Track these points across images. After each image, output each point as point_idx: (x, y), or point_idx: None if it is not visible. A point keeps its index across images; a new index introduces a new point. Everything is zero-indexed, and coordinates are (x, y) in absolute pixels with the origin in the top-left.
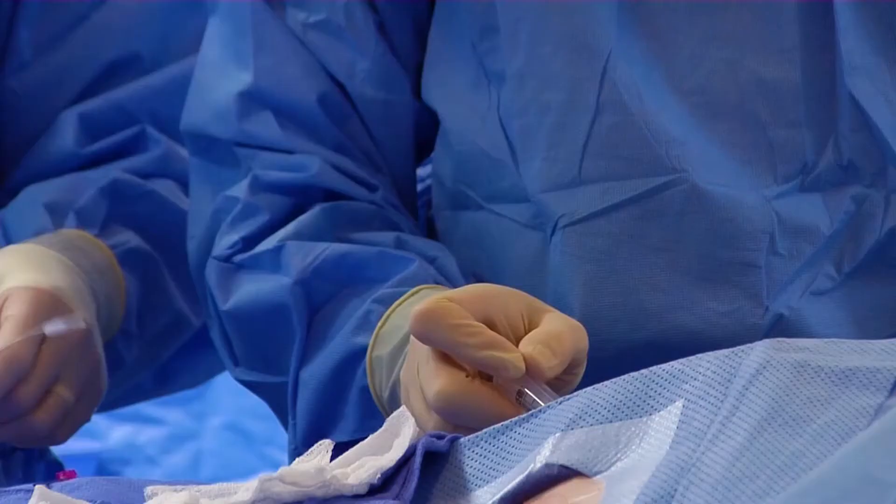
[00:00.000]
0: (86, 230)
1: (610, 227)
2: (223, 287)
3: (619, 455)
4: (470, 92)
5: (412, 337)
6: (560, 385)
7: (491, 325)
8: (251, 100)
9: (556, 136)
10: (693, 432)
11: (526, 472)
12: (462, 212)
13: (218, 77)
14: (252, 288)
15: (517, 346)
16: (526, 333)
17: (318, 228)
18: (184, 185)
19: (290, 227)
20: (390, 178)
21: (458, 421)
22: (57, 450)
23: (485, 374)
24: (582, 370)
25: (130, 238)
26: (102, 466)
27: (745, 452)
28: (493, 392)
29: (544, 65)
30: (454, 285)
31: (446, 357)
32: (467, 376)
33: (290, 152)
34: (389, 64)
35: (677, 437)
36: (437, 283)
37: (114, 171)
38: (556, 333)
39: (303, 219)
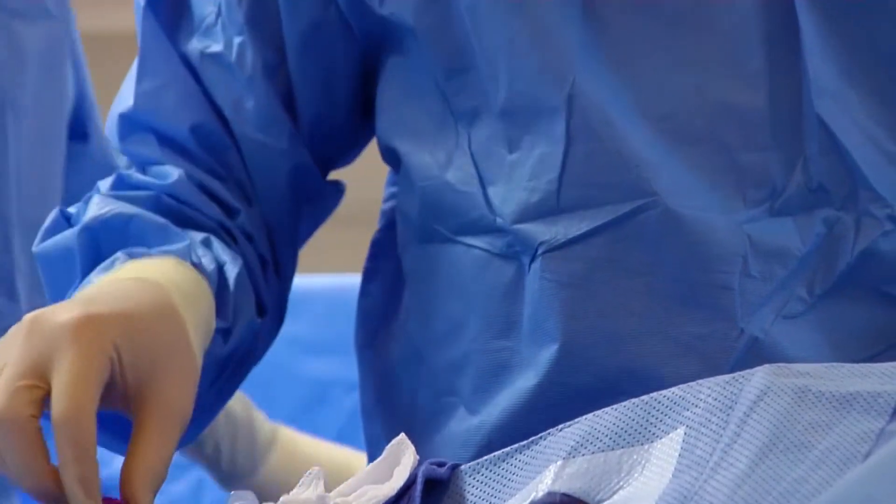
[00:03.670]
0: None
1: (588, 251)
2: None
3: (621, 483)
4: (435, 129)
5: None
6: None
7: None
8: (130, 122)
9: (532, 168)
10: (695, 460)
11: (528, 501)
12: (431, 245)
13: (122, 92)
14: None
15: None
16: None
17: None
18: None
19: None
20: (263, 219)
21: None
22: None
23: None
24: None
25: None
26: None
27: (747, 480)
28: None
29: (519, 99)
30: (212, 289)
31: None
32: None
33: None
34: (273, 109)
35: (679, 466)
36: (195, 265)
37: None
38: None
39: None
